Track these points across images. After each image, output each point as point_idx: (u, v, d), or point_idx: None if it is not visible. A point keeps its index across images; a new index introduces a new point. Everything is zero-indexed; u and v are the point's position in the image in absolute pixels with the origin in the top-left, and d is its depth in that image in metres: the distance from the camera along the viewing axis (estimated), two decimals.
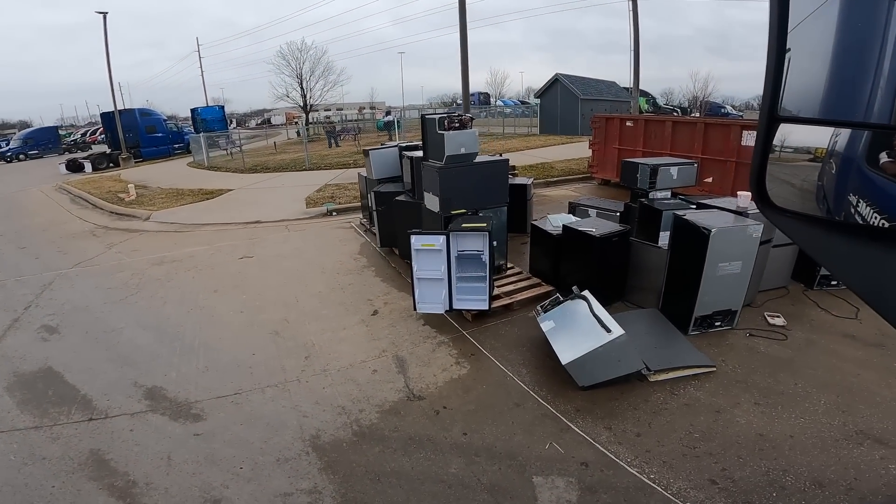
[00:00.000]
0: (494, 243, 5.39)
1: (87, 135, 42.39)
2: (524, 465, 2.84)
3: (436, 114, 5.11)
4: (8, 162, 29.53)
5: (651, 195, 6.25)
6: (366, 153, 7.16)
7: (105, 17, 21.77)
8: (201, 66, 39.72)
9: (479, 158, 5.14)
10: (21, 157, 31.04)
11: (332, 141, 23.11)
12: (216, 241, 7.80)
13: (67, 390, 3.76)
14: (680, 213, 4.35)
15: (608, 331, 3.37)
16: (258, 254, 7.06)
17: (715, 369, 3.62)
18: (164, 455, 3.01)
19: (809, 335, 4.13)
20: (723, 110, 38.15)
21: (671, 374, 3.58)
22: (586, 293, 3.93)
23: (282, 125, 46.21)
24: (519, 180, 7.34)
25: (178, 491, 2.73)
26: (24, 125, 53.56)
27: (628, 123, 10.15)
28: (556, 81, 22.17)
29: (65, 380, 3.92)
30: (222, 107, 33.53)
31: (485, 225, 4.45)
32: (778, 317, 4.40)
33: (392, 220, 6.13)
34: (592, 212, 6.58)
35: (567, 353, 3.42)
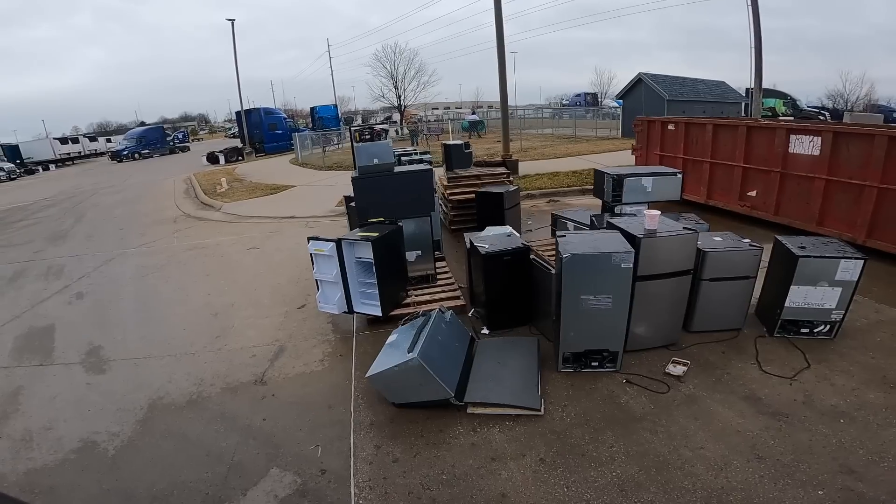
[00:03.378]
0: (419, 252, 5.51)
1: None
2: (277, 456, 3.10)
3: (357, 126, 5.36)
4: (119, 161, 30.02)
5: (618, 209, 5.68)
6: None
7: (233, 24, 26.02)
8: (331, 66, 44.50)
9: (401, 168, 5.27)
10: (136, 156, 31.28)
11: (414, 140, 24.27)
12: (245, 233, 9.12)
13: (48, 343, 5.02)
14: (561, 233, 3.99)
15: (410, 352, 3.36)
16: (265, 246, 8.10)
17: (540, 414, 3.33)
18: (54, 395, 3.97)
19: (699, 391, 3.49)
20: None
21: (489, 410, 3.40)
22: (433, 311, 3.90)
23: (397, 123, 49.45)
24: (496, 188, 7.16)
25: (35, 418, 3.67)
26: (140, 125, 52.48)
27: (670, 127, 9.01)
28: (639, 81, 19.95)
29: (53, 335, 5.21)
30: (336, 106, 37.35)
31: (375, 234, 4.62)
32: (682, 365, 3.77)
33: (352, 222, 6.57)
34: (571, 225, 6.20)
35: (375, 366, 3.51)
